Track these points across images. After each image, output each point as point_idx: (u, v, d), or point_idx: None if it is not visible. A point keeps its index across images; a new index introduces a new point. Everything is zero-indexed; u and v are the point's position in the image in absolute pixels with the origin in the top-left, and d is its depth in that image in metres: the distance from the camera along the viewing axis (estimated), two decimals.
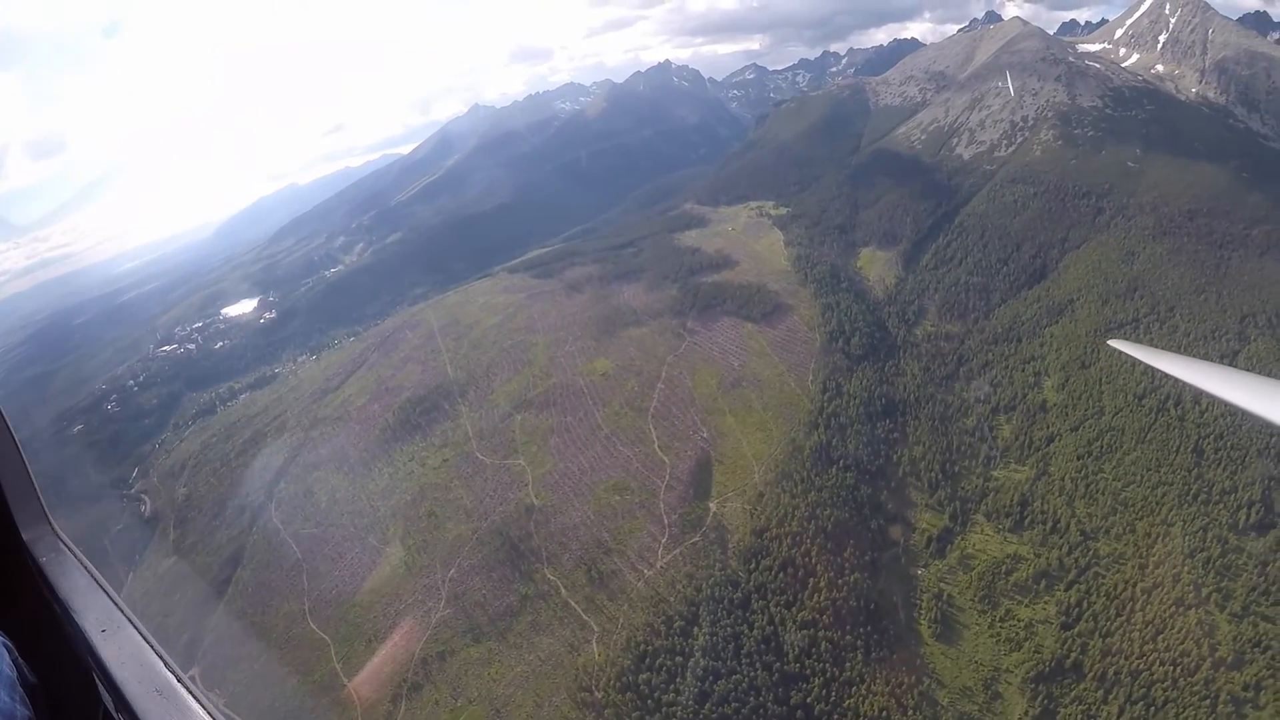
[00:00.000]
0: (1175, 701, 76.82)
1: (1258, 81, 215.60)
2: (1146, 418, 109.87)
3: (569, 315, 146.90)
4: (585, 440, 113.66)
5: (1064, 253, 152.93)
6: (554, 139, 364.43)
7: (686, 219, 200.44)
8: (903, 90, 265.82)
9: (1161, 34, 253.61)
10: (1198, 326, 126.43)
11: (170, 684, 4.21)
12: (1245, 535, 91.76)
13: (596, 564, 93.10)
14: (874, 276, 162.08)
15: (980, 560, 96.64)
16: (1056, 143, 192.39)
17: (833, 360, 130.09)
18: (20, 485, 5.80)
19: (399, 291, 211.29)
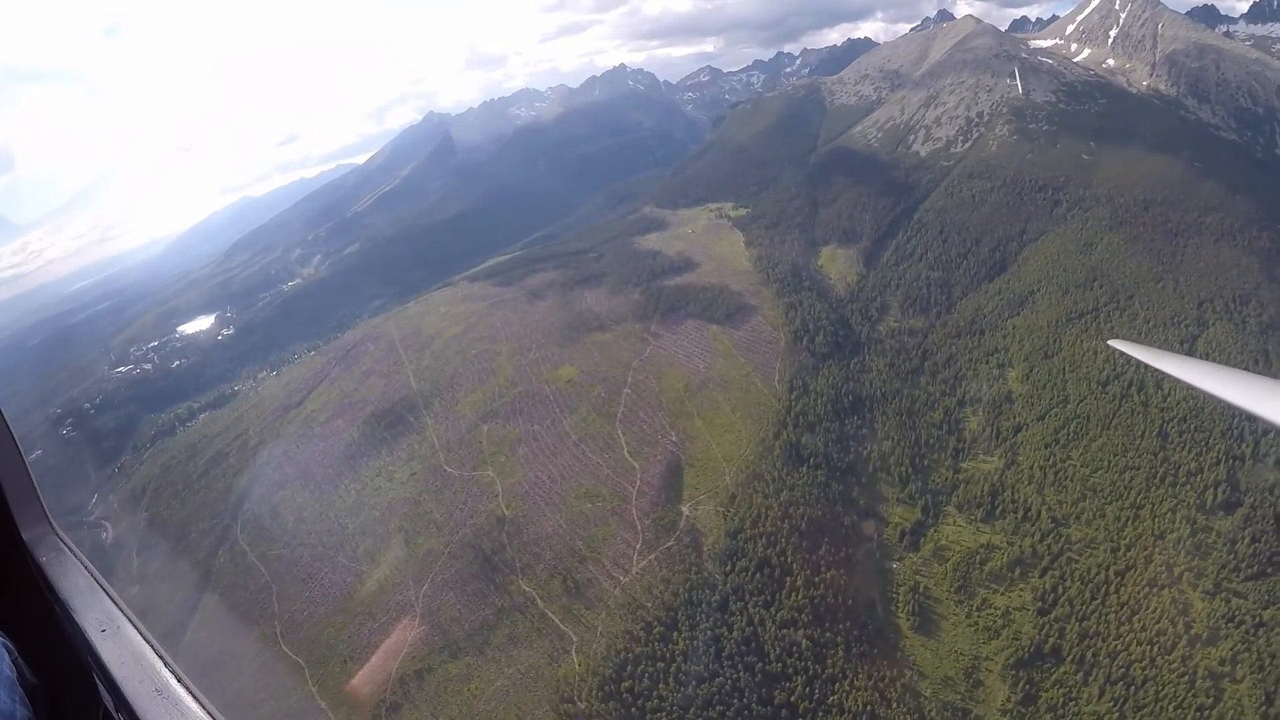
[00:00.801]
0: (1154, 680, 79.15)
1: (1207, 74, 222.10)
2: (1111, 404, 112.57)
3: (532, 322, 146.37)
4: (554, 448, 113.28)
5: (1023, 245, 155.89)
6: (510, 145, 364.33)
7: (646, 222, 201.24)
8: (858, 89, 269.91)
9: (1112, 29, 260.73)
10: (1157, 313, 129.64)
11: (170, 684, 4.24)
12: (1213, 514, 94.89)
13: (571, 573, 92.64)
14: (836, 274, 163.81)
15: (954, 551, 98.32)
16: (1012, 138, 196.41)
17: (798, 359, 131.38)
18: (20, 485, 5.83)
19: (358, 303, 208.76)
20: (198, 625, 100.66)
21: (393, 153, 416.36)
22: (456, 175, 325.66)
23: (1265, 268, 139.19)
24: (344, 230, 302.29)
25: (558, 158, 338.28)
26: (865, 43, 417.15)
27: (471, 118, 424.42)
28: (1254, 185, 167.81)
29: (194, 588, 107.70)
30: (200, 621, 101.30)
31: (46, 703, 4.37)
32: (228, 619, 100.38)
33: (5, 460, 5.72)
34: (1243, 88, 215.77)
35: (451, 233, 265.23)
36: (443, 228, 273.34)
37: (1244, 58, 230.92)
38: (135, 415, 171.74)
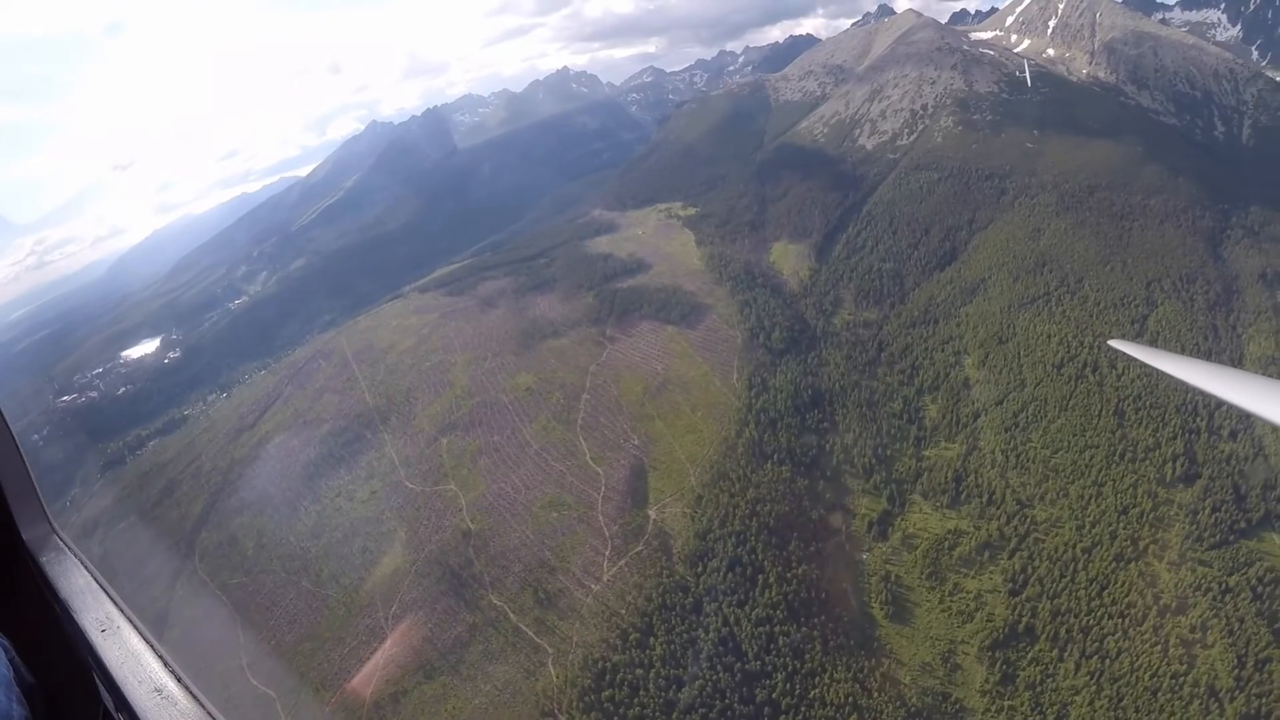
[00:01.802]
0: (1128, 651, 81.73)
1: (1145, 60, 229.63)
2: (1067, 385, 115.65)
3: (485, 331, 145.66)
4: (515, 458, 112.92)
5: (972, 234, 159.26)
6: (455, 153, 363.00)
7: (596, 225, 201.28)
8: (802, 85, 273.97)
9: (1051, 19, 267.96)
10: (1107, 295, 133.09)
11: (170, 684, 4.37)
12: (1173, 488, 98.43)
13: (542, 584, 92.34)
14: (788, 270, 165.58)
15: (922, 539, 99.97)
16: (957, 128, 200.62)
17: (756, 356, 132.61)
18: (20, 485, 5.99)
19: (308, 319, 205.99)
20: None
21: (336, 164, 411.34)
22: (402, 184, 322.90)
23: (1209, 247, 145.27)
24: (289, 245, 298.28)
25: (503, 163, 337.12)
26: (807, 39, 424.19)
27: (415, 126, 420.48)
28: (1195, 167, 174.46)
29: (153, 624, 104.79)
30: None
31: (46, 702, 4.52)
32: (190, 655, 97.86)
33: (5, 460, 5.90)
34: (1180, 73, 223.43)
35: (399, 243, 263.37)
36: (390, 238, 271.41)
37: (1181, 44, 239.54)
38: (83, 446, 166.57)
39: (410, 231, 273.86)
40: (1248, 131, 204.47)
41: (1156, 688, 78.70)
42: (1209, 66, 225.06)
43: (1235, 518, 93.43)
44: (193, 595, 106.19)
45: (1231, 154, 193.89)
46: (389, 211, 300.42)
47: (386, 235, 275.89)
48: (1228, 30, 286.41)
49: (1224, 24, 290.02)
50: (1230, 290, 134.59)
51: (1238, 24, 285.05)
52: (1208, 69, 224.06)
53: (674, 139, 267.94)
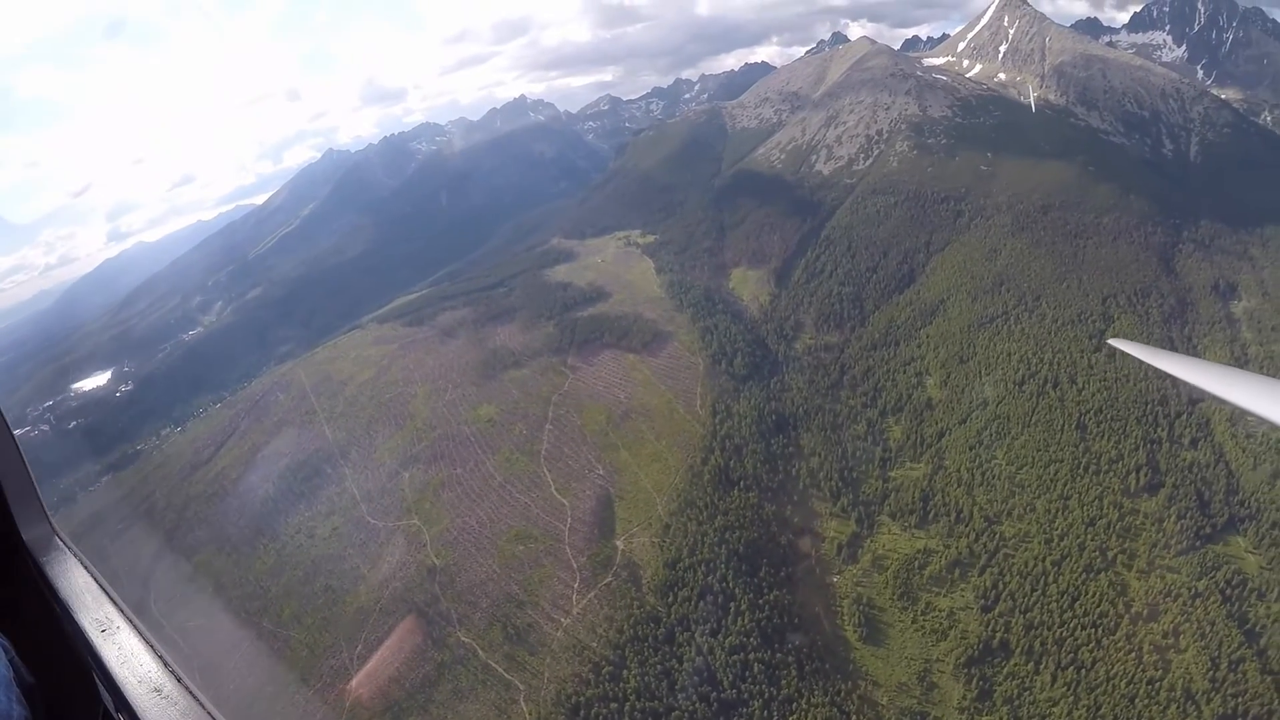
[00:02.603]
0: (1103, 660, 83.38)
1: (1094, 82, 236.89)
2: (1029, 402, 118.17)
3: (446, 362, 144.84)
4: (479, 491, 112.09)
5: (929, 256, 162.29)
6: (412, 180, 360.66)
7: (555, 254, 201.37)
8: (759, 112, 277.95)
9: (1002, 44, 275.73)
10: (1064, 312, 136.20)
11: (170, 684, 4.36)
12: (1138, 497, 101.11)
13: (511, 619, 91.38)
14: (748, 296, 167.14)
15: (892, 559, 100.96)
16: (912, 153, 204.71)
17: (718, 382, 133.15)
18: (20, 485, 5.98)
19: (265, 350, 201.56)
20: None
21: (292, 192, 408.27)
22: (359, 213, 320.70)
23: (1162, 261, 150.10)
24: (245, 274, 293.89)
25: (461, 192, 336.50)
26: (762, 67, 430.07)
27: (372, 154, 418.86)
28: (1145, 184, 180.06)
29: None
30: None
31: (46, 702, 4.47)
32: None
33: (5, 460, 5.91)
34: (1129, 93, 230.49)
35: (357, 272, 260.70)
36: (348, 268, 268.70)
37: (1128, 65, 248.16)
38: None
39: (368, 260, 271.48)
40: (1195, 149, 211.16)
41: (1133, 694, 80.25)
42: (1156, 87, 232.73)
43: (1200, 524, 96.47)
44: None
45: (1180, 171, 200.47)
46: (346, 240, 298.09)
47: (344, 264, 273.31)
48: (1173, 51, 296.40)
49: (1169, 45, 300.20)
50: (1184, 302, 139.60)
51: (1183, 45, 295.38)
52: (1155, 89, 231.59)
53: (632, 167, 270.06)
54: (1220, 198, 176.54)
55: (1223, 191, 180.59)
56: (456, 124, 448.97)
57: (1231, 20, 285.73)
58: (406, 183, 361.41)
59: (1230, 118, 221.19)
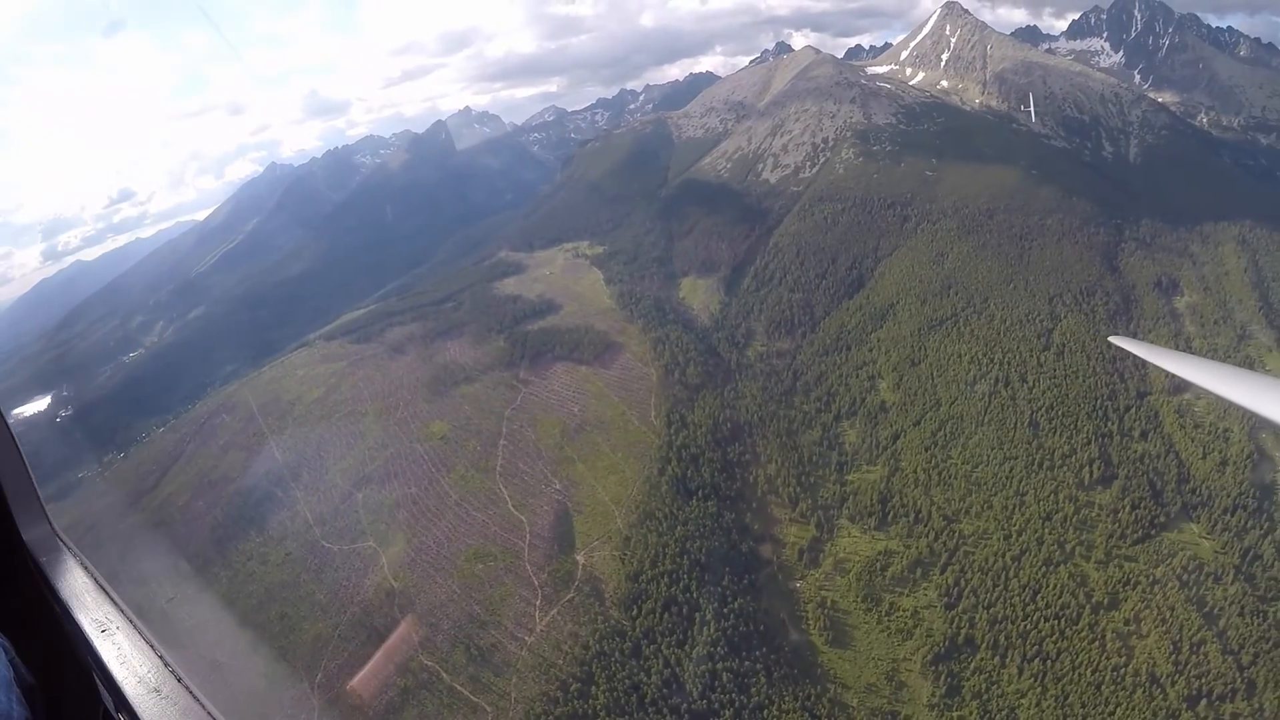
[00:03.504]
0: (1067, 650, 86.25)
1: (1035, 88, 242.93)
2: (981, 402, 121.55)
3: (395, 379, 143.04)
4: (435, 510, 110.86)
5: (878, 261, 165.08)
6: (357, 195, 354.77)
7: (503, 267, 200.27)
8: (704, 122, 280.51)
9: (944, 52, 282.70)
10: (1012, 313, 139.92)
11: (170, 684, 4.46)
12: (1092, 490, 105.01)
13: (473, 640, 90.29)
14: (698, 305, 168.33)
15: (854, 562, 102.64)
16: (858, 160, 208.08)
17: (672, 392, 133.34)
18: (20, 485, 6.04)
19: (209, 371, 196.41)
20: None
21: (234, 208, 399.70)
22: (303, 228, 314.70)
23: (1105, 260, 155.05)
24: (187, 293, 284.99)
25: (407, 205, 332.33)
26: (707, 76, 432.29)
27: (315, 168, 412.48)
28: (1087, 186, 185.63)
29: None
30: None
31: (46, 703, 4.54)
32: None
33: (5, 460, 5.95)
34: (1068, 98, 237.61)
35: (303, 289, 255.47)
36: (293, 284, 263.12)
37: (1068, 71, 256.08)
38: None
39: (314, 276, 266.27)
40: (1134, 151, 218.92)
41: (1099, 682, 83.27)
42: (1095, 91, 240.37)
43: (1154, 513, 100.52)
44: None
45: (1120, 172, 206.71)
46: (291, 256, 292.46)
47: (289, 281, 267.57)
48: (1111, 57, 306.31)
49: (1107, 51, 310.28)
50: (1128, 299, 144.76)
51: (1120, 51, 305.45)
52: (1094, 94, 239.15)
53: (578, 178, 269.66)
54: (1160, 197, 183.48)
55: (1162, 191, 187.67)
56: (400, 137, 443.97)
57: (1168, 26, 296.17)
58: (351, 196, 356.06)
59: (1168, 120, 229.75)
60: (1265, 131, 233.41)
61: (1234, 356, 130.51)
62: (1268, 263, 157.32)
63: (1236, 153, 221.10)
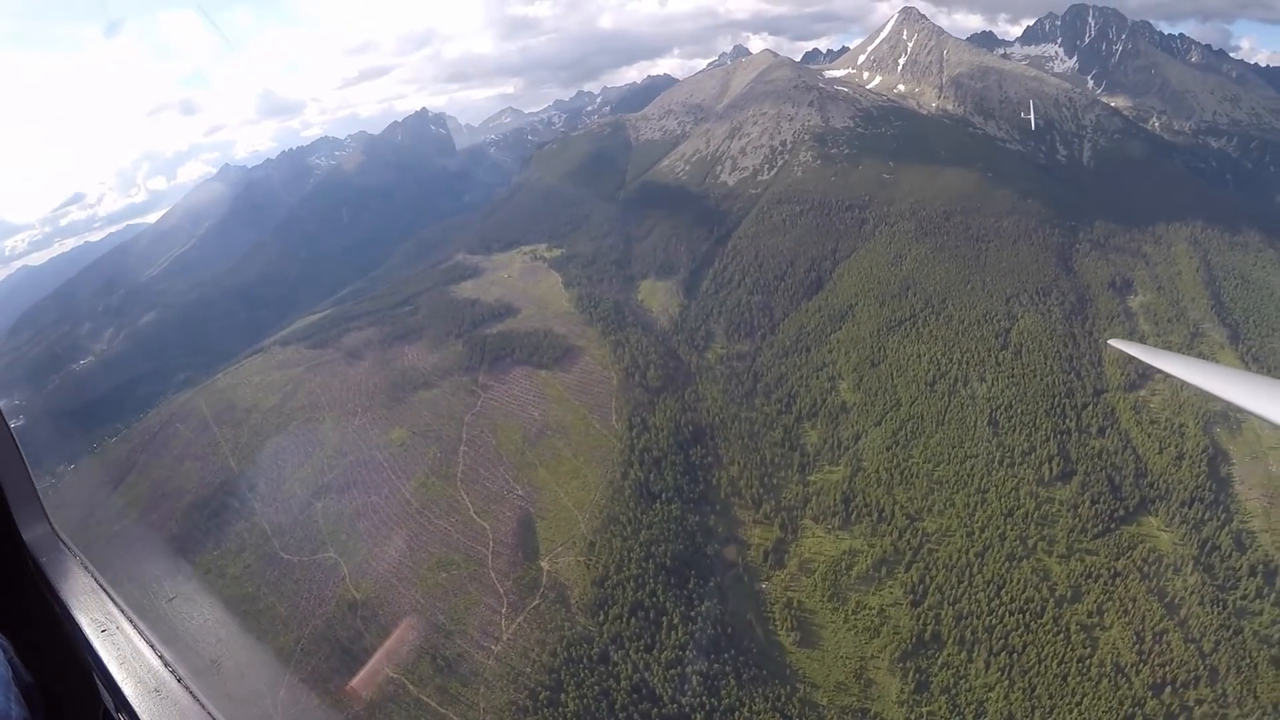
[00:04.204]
0: (1033, 643, 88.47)
1: (990, 92, 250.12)
2: (940, 401, 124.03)
3: (353, 385, 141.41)
4: (396, 519, 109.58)
5: (836, 263, 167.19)
6: (312, 197, 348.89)
7: (460, 270, 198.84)
8: (663, 124, 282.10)
9: (901, 57, 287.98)
10: (970, 313, 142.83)
11: (170, 684, 4.52)
12: (1053, 486, 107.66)
13: (439, 650, 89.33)
14: (657, 307, 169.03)
15: (819, 562, 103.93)
16: (815, 162, 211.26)
17: (633, 395, 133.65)
18: (20, 485, 6.19)
19: (162, 379, 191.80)
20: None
21: (187, 210, 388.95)
22: (257, 231, 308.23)
23: (1061, 261, 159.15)
24: (139, 298, 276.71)
25: (363, 208, 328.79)
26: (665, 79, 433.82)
27: (270, 169, 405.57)
28: (1041, 189, 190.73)
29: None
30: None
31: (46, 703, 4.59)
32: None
33: (5, 460, 6.10)
34: (1023, 103, 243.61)
35: (257, 293, 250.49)
36: (247, 289, 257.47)
37: (1023, 76, 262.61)
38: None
39: (268, 280, 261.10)
40: (1088, 154, 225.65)
41: (1065, 673, 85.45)
42: (1050, 96, 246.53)
43: (1113, 507, 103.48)
44: None
45: (1074, 175, 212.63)
46: (245, 260, 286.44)
47: (243, 285, 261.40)
48: (1065, 62, 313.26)
49: (1061, 56, 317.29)
50: (1084, 299, 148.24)
51: (1074, 56, 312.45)
52: (1049, 98, 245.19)
53: (536, 180, 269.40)
54: (1113, 199, 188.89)
55: (1115, 193, 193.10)
56: (356, 138, 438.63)
57: (1121, 33, 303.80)
58: (306, 199, 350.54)
59: (1121, 124, 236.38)
60: (1216, 135, 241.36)
61: (1188, 354, 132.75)
62: (1219, 262, 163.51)
63: (1188, 156, 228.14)
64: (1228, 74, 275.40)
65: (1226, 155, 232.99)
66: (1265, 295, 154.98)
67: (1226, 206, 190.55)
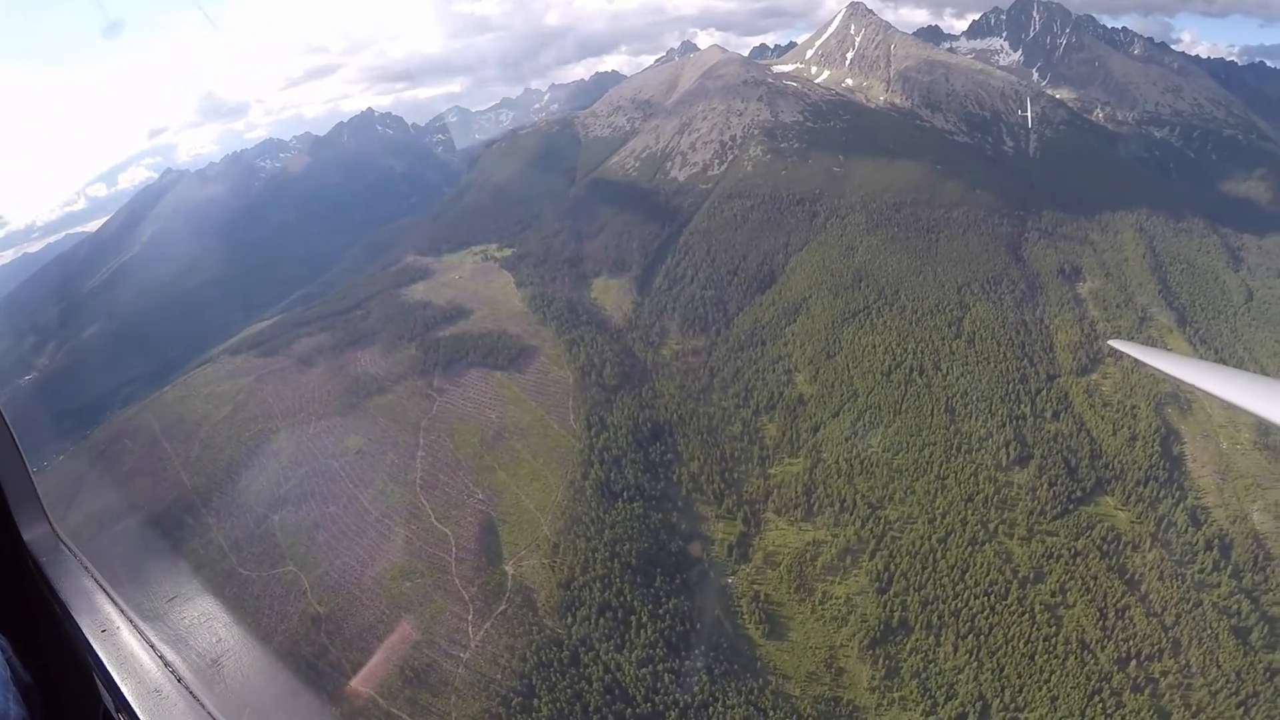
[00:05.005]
0: (999, 625, 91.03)
1: (937, 86, 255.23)
2: (897, 390, 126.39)
3: (306, 393, 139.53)
4: (356, 529, 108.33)
5: (789, 256, 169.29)
6: (258, 200, 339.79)
7: (411, 272, 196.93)
8: (611, 121, 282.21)
9: (849, 51, 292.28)
10: (923, 303, 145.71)
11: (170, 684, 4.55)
12: (1010, 470, 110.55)
13: (408, 661, 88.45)
14: (611, 305, 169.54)
15: (784, 554, 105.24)
16: (765, 157, 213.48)
17: (590, 395, 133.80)
18: (20, 485, 6.23)
19: (108, 394, 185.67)
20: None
21: (129, 216, 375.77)
22: (203, 237, 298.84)
23: (1010, 250, 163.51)
24: (81, 310, 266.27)
25: (310, 211, 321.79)
26: (613, 76, 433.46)
27: (214, 173, 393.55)
28: (989, 180, 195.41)
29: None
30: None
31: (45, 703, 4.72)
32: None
33: (5, 460, 6.13)
34: (970, 96, 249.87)
35: (205, 301, 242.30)
36: (194, 297, 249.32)
37: (969, 69, 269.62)
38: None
39: (216, 287, 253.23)
40: (1034, 145, 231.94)
41: (1032, 652, 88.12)
42: (995, 89, 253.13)
43: (1071, 489, 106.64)
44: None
45: (1021, 166, 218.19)
46: (191, 267, 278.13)
47: (190, 293, 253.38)
48: (1010, 55, 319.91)
49: (1006, 50, 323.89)
50: (1034, 286, 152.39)
51: (1019, 50, 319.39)
52: (995, 91, 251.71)
53: (485, 179, 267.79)
54: (1060, 189, 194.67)
55: (1061, 183, 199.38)
56: (302, 140, 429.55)
57: (1065, 26, 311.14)
58: (252, 203, 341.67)
59: (1065, 116, 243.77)
60: (1159, 125, 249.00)
61: (1137, 337, 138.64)
62: (1164, 248, 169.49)
63: (1132, 146, 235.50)
64: (1169, 66, 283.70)
65: (1169, 145, 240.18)
66: (1210, 279, 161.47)
67: (1170, 194, 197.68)
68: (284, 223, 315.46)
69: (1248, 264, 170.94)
